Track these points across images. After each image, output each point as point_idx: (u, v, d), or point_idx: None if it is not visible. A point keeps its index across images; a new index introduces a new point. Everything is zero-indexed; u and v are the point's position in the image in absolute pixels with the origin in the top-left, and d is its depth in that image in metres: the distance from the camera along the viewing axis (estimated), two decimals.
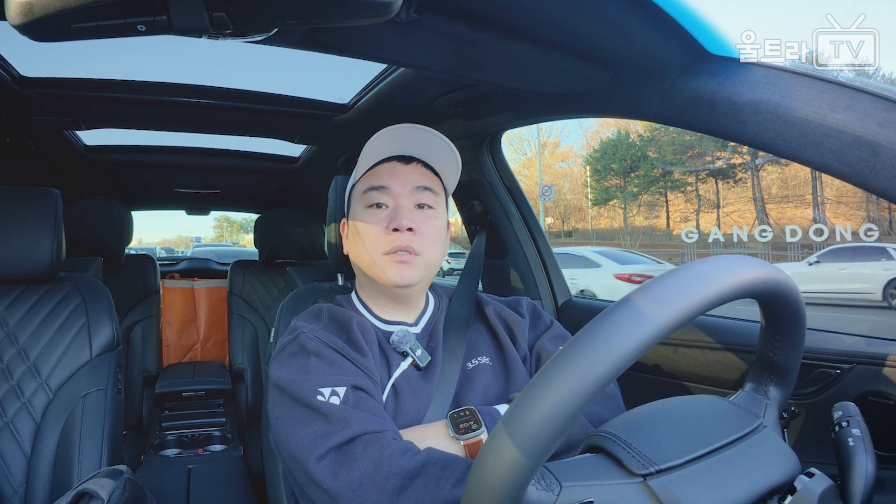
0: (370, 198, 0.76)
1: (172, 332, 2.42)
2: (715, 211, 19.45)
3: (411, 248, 0.72)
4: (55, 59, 1.17)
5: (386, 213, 0.75)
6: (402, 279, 0.72)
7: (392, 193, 0.75)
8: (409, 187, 0.76)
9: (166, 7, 0.49)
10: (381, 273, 0.73)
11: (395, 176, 0.76)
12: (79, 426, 1.01)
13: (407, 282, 0.73)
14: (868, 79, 0.91)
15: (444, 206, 0.81)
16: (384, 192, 0.75)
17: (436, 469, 0.56)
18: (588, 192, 23.01)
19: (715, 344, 0.97)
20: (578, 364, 0.36)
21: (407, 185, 0.76)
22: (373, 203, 0.75)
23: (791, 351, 0.53)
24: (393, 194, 0.75)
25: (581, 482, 0.41)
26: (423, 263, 0.74)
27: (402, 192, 0.75)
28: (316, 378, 0.64)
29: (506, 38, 0.79)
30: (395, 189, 0.75)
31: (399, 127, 0.75)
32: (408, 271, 0.73)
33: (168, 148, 1.96)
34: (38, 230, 1.05)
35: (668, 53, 0.77)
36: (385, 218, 0.74)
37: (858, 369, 0.79)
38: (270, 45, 0.76)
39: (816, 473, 0.45)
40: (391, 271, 0.72)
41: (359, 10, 0.52)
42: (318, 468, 0.58)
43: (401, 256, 0.72)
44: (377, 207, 0.75)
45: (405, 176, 0.76)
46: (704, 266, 0.41)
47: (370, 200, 0.76)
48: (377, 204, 0.75)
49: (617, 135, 21.32)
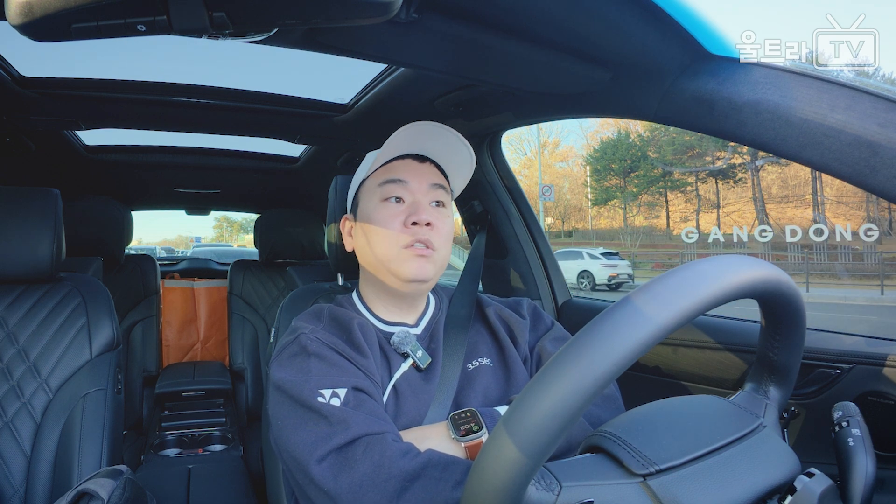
0: (387, 191, 0.75)
1: (172, 332, 2.42)
2: (715, 211, 19.45)
3: (430, 243, 0.72)
4: (55, 59, 1.17)
5: (403, 206, 0.74)
6: (420, 273, 0.72)
7: (410, 188, 0.75)
8: (426, 184, 0.76)
9: (166, 7, 0.49)
10: (397, 267, 0.73)
11: (412, 171, 0.76)
12: (79, 426, 1.01)
13: (424, 276, 0.72)
14: (868, 79, 0.91)
15: (451, 208, 0.81)
16: (402, 185, 0.75)
17: (436, 471, 0.56)
18: (588, 192, 23.02)
19: (715, 344, 0.97)
20: (578, 364, 0.36)
21: (424, 181, 0.76)
22: (390, 196, 0.75)
23: (791, 351, 0.53)
24: (411, 189, 0.75)
25: (581, 482, 0.41)
26: (438, 259, 0.74)
27: (420, 188, 0.75)
28: (316, 379, 0.64)
29: (506, 38, 0.79)
30: (413, 184, 0.75)
31: (418, 124, 0.74)
32: (426, 265, 0.72)
33: (168, 148, 1.96)
34: (38, 230, 1.05)
35: (668, 53, 0.77)
36: (403, 211, 0.74)
37: (858, 369, 0.79)
38: (270, 45, 0.76)
39: (816, 473, 0.45)
40: (410, 265, 0.72)
41: (359, 10, 0.52)
42: (318, 470, 0.58)
43: (419, 250, 0.72)
44: (395, 201, 0.75)
45: (422, 173, 0.76)
46: (704, 266, 0.41)
47: (387, 193, 0.75)
48: (396, 197, 0.75)
49: (617, 135, 21.33)
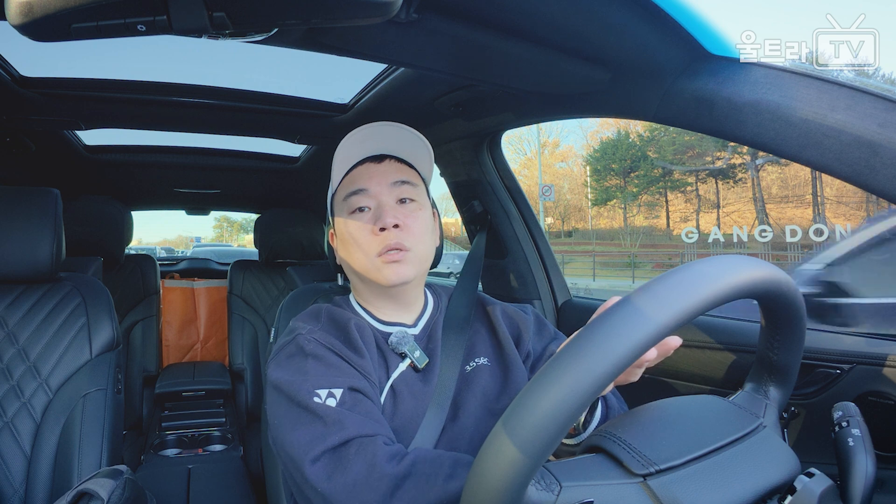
0: (352, 203, 0.76)
1: (172, 332, 2.42)
2: (715, 211, 19.44)
3: (401, 245, 0.73)
4: (55, 59, 1.17)
5: (370, 214, 0.75)
6: (397, 278, 0.73)
7: (371, 194, 0.75)
8: (386, 184, 0.76)
9: (166, 7, 0.49)
10: (376, 275, 0.74)
11: (370, 176, 0.76)
12: (79, 426, 1.01)
13: (402, 279, 0.73)
14: (868, 79, 0.91)
15: (425, 196, 0.81)
16: (364, 194, 0.76)
17: (425, 466, 0.57)
18: (588, 192, 23.02)
19: (715, 344, 0.97)
20: (578, 364, 0.36)
21: (384, 182, 0.76)
22: (355, 208, 0.76)
23: (791, 351, 0.53)
24: (372, 194, 0.75)
25: (581, 482, 0.41)
26: (415, 258, 0.74)
27: (381, 189, 0.76)
28: (313, 380, 0.65)
29: (506, 38, 0.79)
30: (373, 189, 0.75)
31: (364, 128, 0.75)
32: (401, 269, 0.73)
33: (168, 148, 1.95)
34: (38, 230, 1.05)
35: (668, 53, 0.77)
36: (370, 219, 0.75)
37: (858, 369, 0.78)
38: (270, 45, 0.76)
39: (816, 473, 0.45)
40: (385, 272, 0.73)
41: (359, 10, 0.52)
42: (312, 470, 0.58)
43: (392, 256, 0.72)
44: (360, 211, 0.76)
45: (381, 174, 0.76)
46: (704, 266, 0.41)
47: (352, 206, 0.76)
48: (360, 208, 0.76)
49: (617, 135, 21.33)
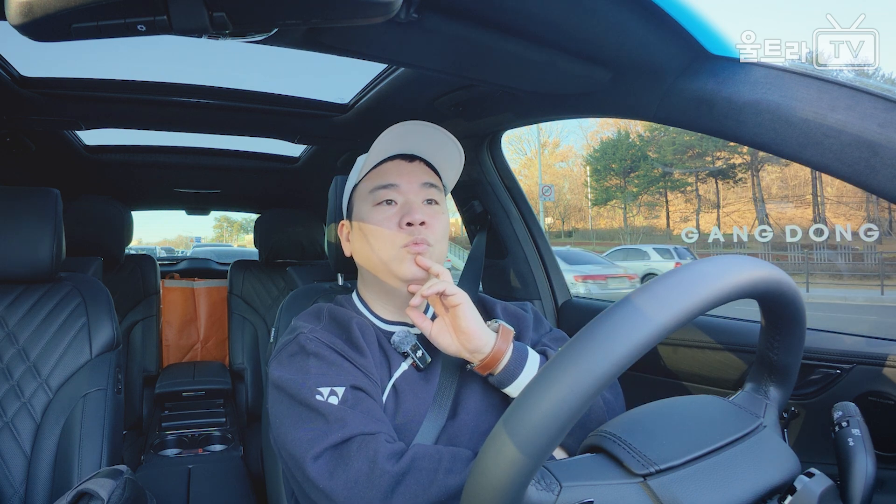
0: (378, 196, 0.76)
1: (172, 332, 2.42)
2: (715, 211, 19.45)
3: (426, 241, 0.73)
4: (55, 59, 1.17)
5: (396, 209, 0.75)
6: (418, 270, 0.73)
7: (401, 190, 0.76)
8: (416, 184, 0.76)
9: (166, 7, 0.49)
10: (398, 265, 0.73)
11: (401, 174, 0.76)
12: (79, 426, 1.01)
13: (421, 273, 0.73)
14: (868, 79, 0.91)
15: (445, 203, 0.82)
16: (393, 189, 0.76)
17: (424, 462, 0.58)
18: (588, 192, 23.02)
19: (715, 344, 0.97)
20: (578, 364, 0.36)
21: (414, 181, 0.76)
22: (382, 200, 0.75)
23: (791, 351, 0.53)
24: (402, 191, 0.76)
25: (581, 482, 0.41)
26: (435, 255, 0.75)
27: (411, 188, 0.76)
28: (315, 378, 0.65)
29: (506, 38, 0.79)
30: (403, 186, 0.76)
31: (404, 125, 0.75)
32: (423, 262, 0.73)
33: (168, 148, 1.95)
34: (38, 230, 1.05)
35: (668, 53, 0.77)
36: (396, 213, 0.74)
37: (858, 369, 0.78)
38: (270, 45, 0.76)
39: (816, 473, 0.45)
40: (409, 265, 0.73)
41: (359, 10, 0.52)
42: (314, 468, 0.59)
43: (417, 248, 0.72)
44: (387, 204, 0.75)
45: (410, 173, 0.77)
46: (704, 266, 0.41)
47: (379, 198, 0.76)
48: (387, 201, 0.75)
49: (617, 135, 21.32)
